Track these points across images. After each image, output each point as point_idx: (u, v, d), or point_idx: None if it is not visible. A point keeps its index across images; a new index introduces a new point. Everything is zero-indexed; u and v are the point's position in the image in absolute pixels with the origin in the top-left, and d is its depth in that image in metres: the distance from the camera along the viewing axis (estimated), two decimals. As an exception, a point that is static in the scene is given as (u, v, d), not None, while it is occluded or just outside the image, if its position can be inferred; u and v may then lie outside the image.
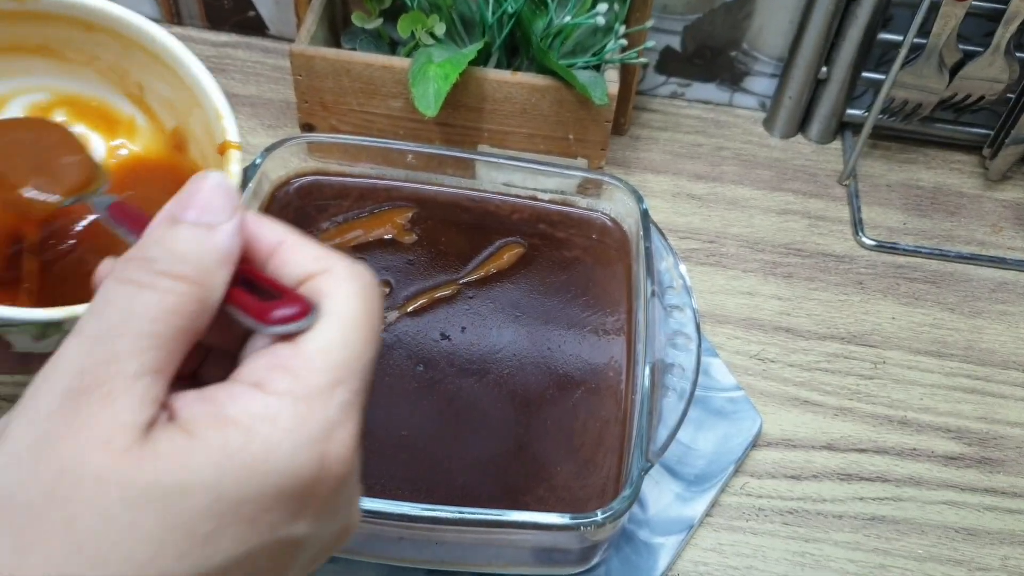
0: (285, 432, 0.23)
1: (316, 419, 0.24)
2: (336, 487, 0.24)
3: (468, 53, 0.57)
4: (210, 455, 0.22)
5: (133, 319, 0.23)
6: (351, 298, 0.25)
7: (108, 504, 0.21)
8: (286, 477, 0.23)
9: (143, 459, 0.22)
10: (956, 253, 0.65)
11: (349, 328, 0.25)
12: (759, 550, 0.50)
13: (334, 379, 0.24)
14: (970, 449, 0.55)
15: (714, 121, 0.72)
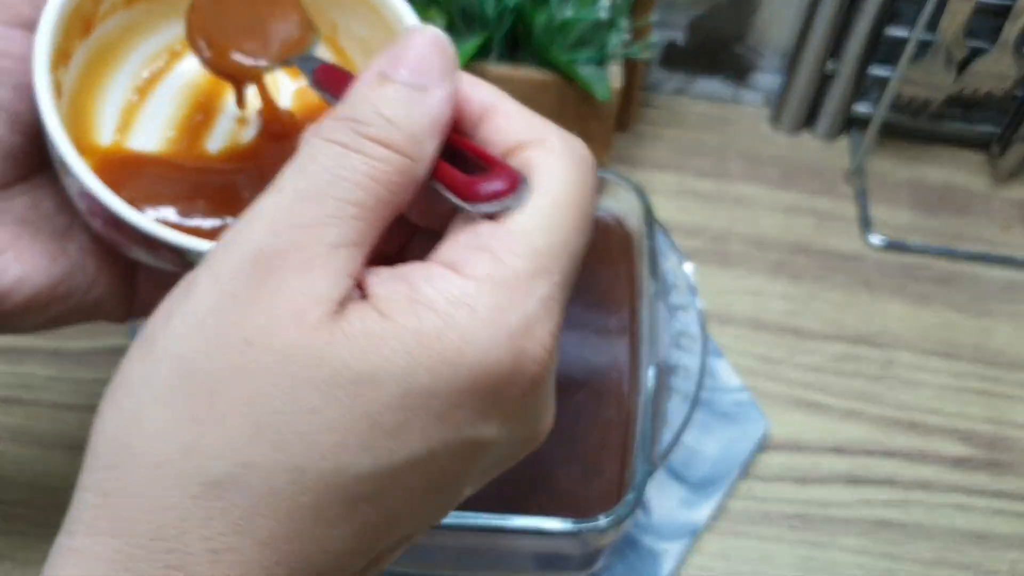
0: (482, 322, 0.21)
1: (516, 310, 0.22)
2: (529, 389, 0.22)
3: (468, 47, 0.56)
4: (403, 341, 0.21)
5: (338, 183, 0.22)
6: (565, 174, 0.24)
7: (294, 384, 0.20)
8: (480, 372, 0.21)
9: (334, 338, 0.21)
10: (965, 252, 0.64)
11: (559, 209, 0.23)
12: (766, 555, 0.49)
13: (537, 267, 0.22)
14: (979, 452, 0.54)
15: (719, 117, 0.71)
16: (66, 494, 0.50)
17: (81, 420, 0.51)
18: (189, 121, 0.35)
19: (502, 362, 0.22)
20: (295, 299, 0.21)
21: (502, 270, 0.22)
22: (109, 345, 0.54)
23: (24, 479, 0.49)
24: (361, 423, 0.21)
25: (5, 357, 0.53)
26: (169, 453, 0.20)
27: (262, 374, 0.20)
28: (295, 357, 0.20)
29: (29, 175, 0.31)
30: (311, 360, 0.20)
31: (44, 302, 0.30)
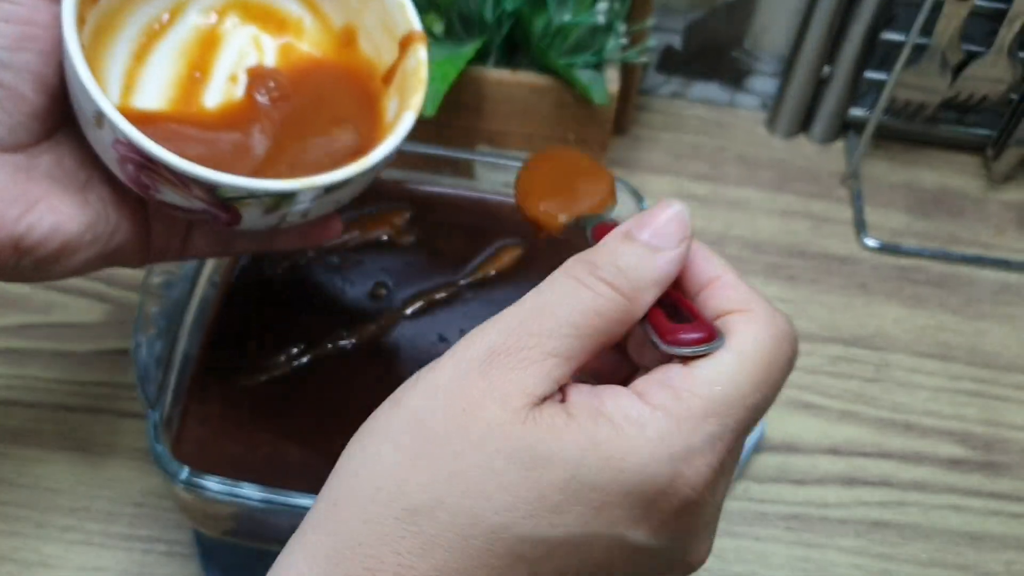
0: (647, 441, 0.25)
1: (680, 439, 0.25)
2: (681, 509, 0.25)
3: (467, 52, 0.56)
4: (578, 439, 0.25)
5: (563, 307, 0.27)
6: (759, 340, 0.27)
7: (489, 451, 0.25)
8: (637, 480, 0.25)
9: (527, 423, 0.25)
10: (960, 255, 0.64)
11: (745, 366, 0.26)
12: (762, 555, 0.50)
13: (710, 409, 0.26)
14: (974, 453, 0.55)
15: (716, 121, 0.72)
16: (67, 497, 0.50)
17: (83, 422, 0.52)
18: (187, 80, 0.38)
19: (659, 477, 0.25)
20: (507, 387, 0.26)
21: (678, 405, 0.26)
22: (111, 347, 0.55)
23: (26, 481, 0.49)
24: (531, 493, 0.25)
25: (7, 359, 0.54)
26: (388, 483, 0.25)
27: (467, 437, 0.25)
28: (494, 430, 0.25)
29: (52, 134, 0.34)
30: (504, 435, 0.25)
31: (74, 248, 0.34)
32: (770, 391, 0.27)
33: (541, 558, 0.25)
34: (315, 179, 0.34)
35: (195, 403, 0.44)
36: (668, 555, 0.27)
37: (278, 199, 0.34)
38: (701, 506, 0.26)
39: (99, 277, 0.58)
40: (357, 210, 0.52)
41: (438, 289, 0.49)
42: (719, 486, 0.26)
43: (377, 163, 0.35)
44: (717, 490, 0.26)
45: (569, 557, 0.25)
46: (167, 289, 0.45)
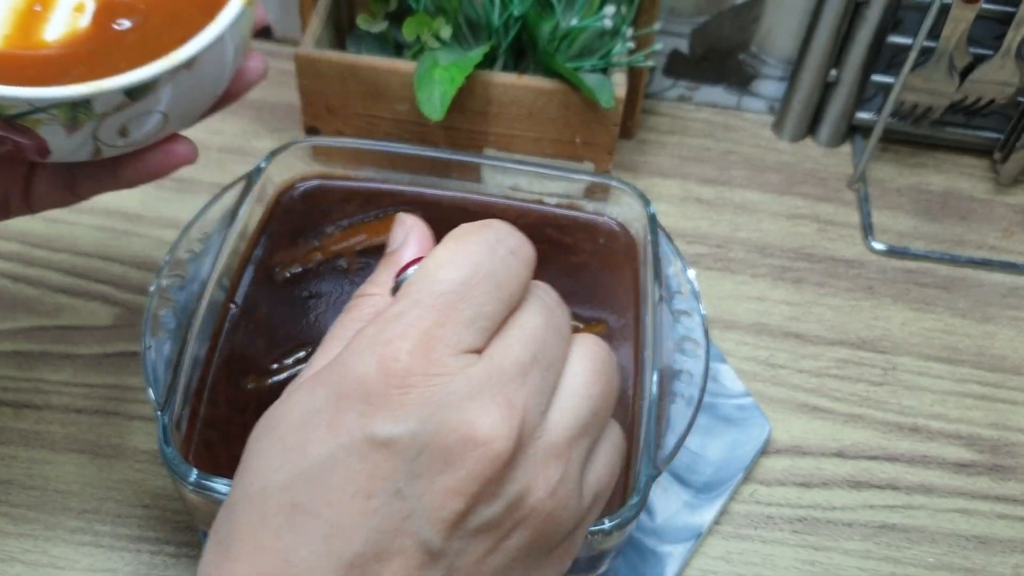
0: (350, 345, 0.27)
1: (374, 327, 0.27)
2: (401, 381, 0.25)
3: (474, 56, 0.56)
4: (299, 380, 0.28)
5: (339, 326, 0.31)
6: (446, 241, 0.29)
7: (260, 429, 0.28)
8: (348, 378, 0.26)
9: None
10: (967, 258, 0.64)
11: (431, 258, 0.28)
12: (768, 558, 0.50)
13: (402, 292, 0.27)
14: (982, 456, 0.54)
15: (723, 125, 0.72)
16: (77, 499, 0.50)
17: (92, 425, 0.52)
18: (26, 14, 0.35)
19: (362, 363, 0.26)
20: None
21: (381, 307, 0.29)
22: (120, 350, 0.55)
23: (34, 483, 0.49)
24: (275, 447, 0.27)
25: (17, 362, 0.54)
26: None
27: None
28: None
29: None
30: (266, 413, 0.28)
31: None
32: (464, 266, 0.27)
33: (311, 499, 0.26)
34: (105, 81, 0.31)
35: (204, 405, 0.44)
36: (432, 437, 0.25)
37: (72, 111, 0.31)
38: (427, 375, 0.26)
39: (108, 281, 0.58)
40: (365, 214, 0.52)
41: (445, 292, 0.49)
42: (435, 351, 0.26)
43: (187, 59, 0.32)
44: (434, 357, 0.26)
45: (335, 485, 0.25)
46: (176, 292, 0.45)
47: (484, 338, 0.27)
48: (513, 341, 0.27)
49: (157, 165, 0.37)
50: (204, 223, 0.48)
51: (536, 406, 0.27)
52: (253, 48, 0.38)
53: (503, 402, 0.26)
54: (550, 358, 0.28)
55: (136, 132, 0.34)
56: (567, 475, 0.27)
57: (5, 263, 0.59)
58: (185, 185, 0.63)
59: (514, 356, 0.27)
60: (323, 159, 0.53)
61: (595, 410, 0.28)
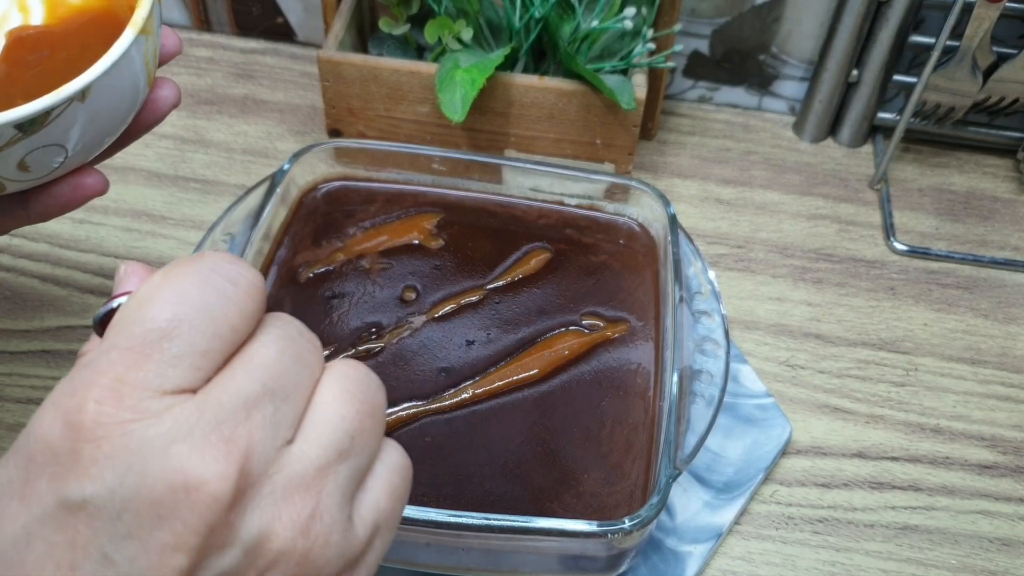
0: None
1: (66, 381, 0.24)
2: (84, 435, 0.23)
3: (495, 58, 0.57)
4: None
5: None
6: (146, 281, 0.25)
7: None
8: (32, 440, 0.23)
9: None
10: (990, 258, 0.64)
11: (132, 300, 0.24)
12: (789, 559, 0.49)
13: (104, 341, 0.24)
14: (1004, 458, 0.54)
15: (743, 125, 0.72)
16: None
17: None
18: None
19: (46, 422, 0.23)
20: None
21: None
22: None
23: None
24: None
25: (45, 361, 0.55)
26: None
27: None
28: None
29: None
30: None
31: None
32: (170, 300, 0.24)
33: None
34: (29, 106, 0.30)
35: (228, 404, 0.44)
36: (134, 490, 0.22)
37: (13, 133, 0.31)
38: (120, 423, 0.22)
39: (134, 281, 0.59)
40: (387, 215, 0.53)
41: (466, 292, 0.50)
42: (129, 397, 0.23)
43: (77, 91, 0.32)
44: (129, 403, 0.23)
45: (33, 562, 0.22)
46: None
47: (199, 377, 0.24)
48: (236, 373, 0.24)
49: (66, 198, 0.37)
50: (228, 224, 0.49)
51: (268, 440, 0.24)
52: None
53: (217, 440, 0.23)
54: (288, 388, 0.25)
55: (37, 167, 0.33)
56: (322, 508, 0.24)
57: (34, 264, 0.59)
58: (210, 187, 0.64)
59: (235, 389, 0.24)
60: (346, 161, 0.54)
61: (351, 432, 0.25)
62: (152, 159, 0.66)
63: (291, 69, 0.72)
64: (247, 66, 0.73)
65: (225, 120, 0.69)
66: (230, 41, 0.74)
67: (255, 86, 0.71)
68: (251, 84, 0.71)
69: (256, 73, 0.72)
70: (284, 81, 0.72)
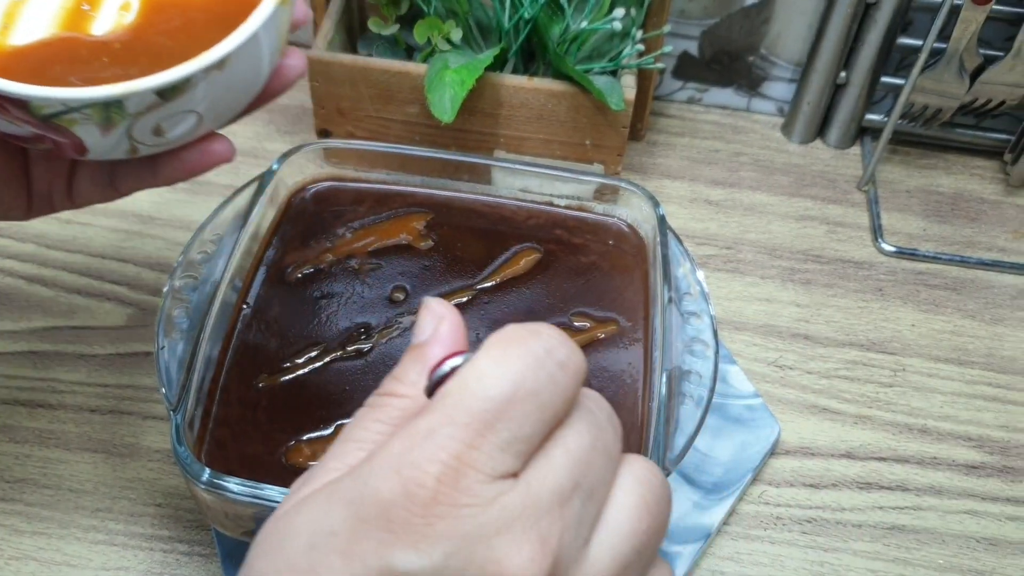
0: (372, 458, 0.25)
1: (399, 442, 0.24)
2: (425, 510, 0.23)
3: (484, 59, 0.57)
4: (316, 495, 0.25)
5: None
6: (493, 342, 0.25)
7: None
8: (366, 499, 0.24)
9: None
10: (977, 259, 0.64)
11: (473, 364, 0.25)
12: (777, 559, 0.50)
13: (434, 404, 0.25)
14: (991, 458, 0.54)
15: (732, 127, 0.72)
16: (90, 497, 0.51)
17: (105, 424, 0.52)
18: (75, 13, 0.35)
19: (385, 485, 0.23)
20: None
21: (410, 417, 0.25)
22: (133, 350, 0.55)
23: (49, 482, 0.50)
24: (282, 571, 0.24)
25: (32, 362, 0.54)
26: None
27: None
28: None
29: None
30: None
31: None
32: (506, 381, 0.24)
33: None
34: (136, 82, 0.31)
35: (216, 405, 0.44)
36: (456, 573, 0.23)
37: (106, 111, 0.31)
38: (455, 505, 0.23)
39: (122, 281, 0.58)
40: (376, 215, 0.53)
41: (456, 293, 0.50)
42: (466, 478, 0.23)
43: (218, 59, 0.32)
44: (464, 484, 0.23)
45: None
46: (189, 292, 0.45)
47: (521, 461, 0.24)
48: (556, 465, 0.24)
49: (195, 163, 0.37)
50: (217, 224, 0.48)
51: (573, 540, 0.24)
52: (293, 47, 0.38)
53: (535, 538, 0.23)
54: (594, 483, 0.25)
55: (171, 131, 0.34)
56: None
57: (20, 264, 0.59)
58: (198, 187, 0.64)
59: (552, 483, 0.24)
60: (335, 161, 0.54)
61: (640, 548, 0.26)
62: (140, 159, 0.65)
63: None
64: (235, 66, 0.72)
65: (213, 120, 0.68)
66: (218, 41, 0.74)
67: (244, 86, 0.71)
68: (239, 84, 0.71)
69: (245, 73, 0.72)
70: (273, 81, 0.71)
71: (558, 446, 0.25)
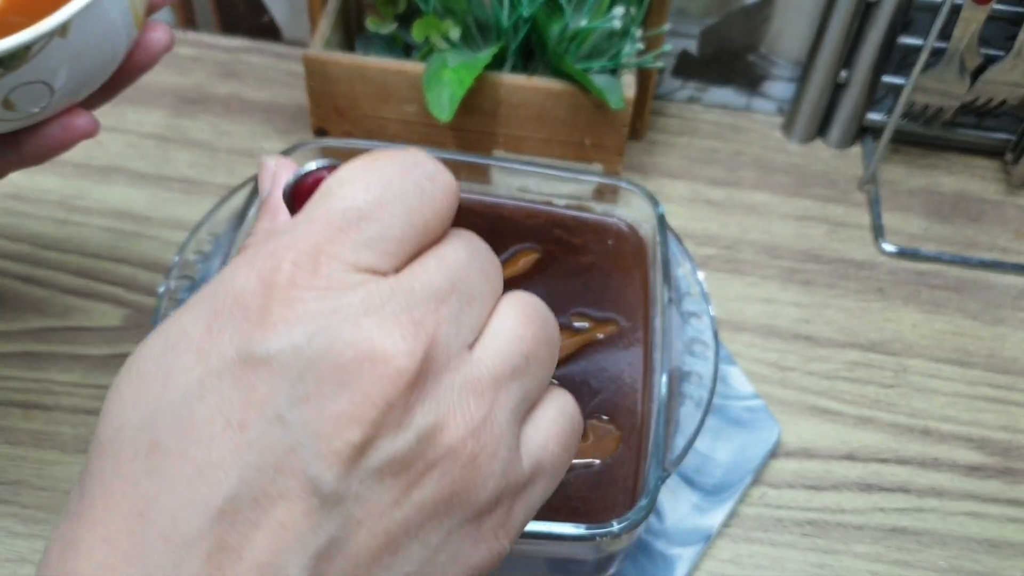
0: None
1: (255, 244, 0.24)
2: (271, 292, 0.22)
3: (483, 58, 0.56)
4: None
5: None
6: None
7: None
8: (219, 291, 0.23)
9: None
10: (978, 260, 0.64)
11: (346, 167, 0.25)
12: (778, 561, 0.49)
13: (304, 213, 0.24)
14: (993, 459, 0.54)
15: (732, 126, 0.72)
16: (86, 498, 0.50)
17: (100, 425, 0.52)
18: None
19: (240, 277, 0.23)
20: None
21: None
22: (129, 351, 0.55)
23: (44, 484, 0.50)
24: (133, 382, 0.23)
25: (26, 363, 0.54)
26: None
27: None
28: None
29: None
30: None
31: None
32: (371, 184, 0.24)
33: (172, 439, 0.22)
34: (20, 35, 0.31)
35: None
36: (320, 352, 0.22)
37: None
38: (315, 288, 0.22)
39: (118, 282, 0.58)
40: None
41: (454, 293, 0.49)
42: (326, 266, 0.23)
43: (57, 25, 0.32)
44: (325, 271, 0.22)
45: (203, 419, 0.22)
46: (185, 293, 0.45)
47: (390, 263, 0.23)
48: (429, 266, 0.24)
49: (56, 139, 0.36)
50: (213, 224, 0.48)
51: (452, 334, 0.23)
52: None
53: (407, 321, 0.22)
54: (473, 293, 0.24)
55: (24, 105, 0.33)
56: (492, 418, 0.23)
57: (15, 264, 0.59)
58: (194, 187, 0.63)
59: (427, 280, 0.23)
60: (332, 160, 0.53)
61: (527, 354, 0.25)
62: (135, 159, 0.65)
63: (276, 68, 0.72)
64: (232, 65, 0.72)
65: (209, 119, 0.68)
66: (215, 40, 0.74)
67: (240, 85, 0.71)
68: (236, 83, 0.71)
69: (241, 72, 0.72)
70: (269, 80, 0.71)
71: (432, 254, 0.24)
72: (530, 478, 0.25)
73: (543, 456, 0.26)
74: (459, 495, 0.23)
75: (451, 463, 0.23)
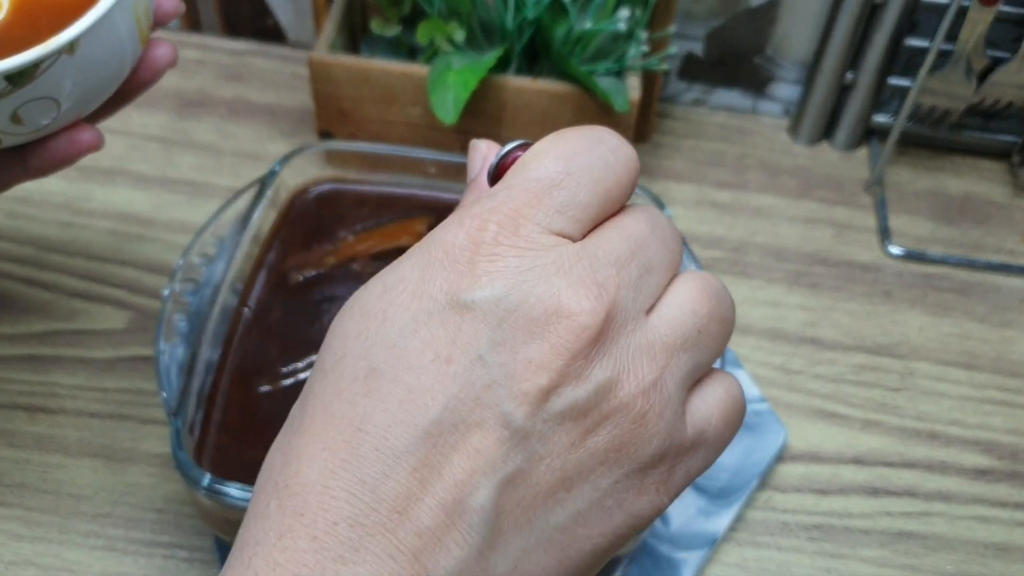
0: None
1: (471, 202, 0.27)
2: (482, 250, 0.25)
3: (488, 60, 0.56)
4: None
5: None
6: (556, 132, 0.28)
7: None
8: (433, 244, 0.26)
9: None
10: (985, 262, 0.64)
11: (536, 147, 0.27)
12: (784, 566, 0.49)
13: (501, 183, 0.27)
14: (1000, 463, 0.54)
15: (737, 128, 0.71)
16: (90, 503, 0.50)
17: (105, 429, 0.52)
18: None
19: (450, 234, 0.26)
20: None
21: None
22: (133, 355, 0.55)
23: (48, 487, 0.50)
24: (355, 318, 0.26)
25: (31, 366, 0.54)
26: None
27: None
28: None
29: None
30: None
31: None
32: (560, 156, 0.27)
33: (389, 365, 0.25)
34: (29, 53, 0.31)
35: (217, 410, 0.44)
36: (517, 304, 0.25)
37: (7, 82, 0.32)
38: (515, 247, 0.25)
39: (122, 285, 0.58)
40: (379, 218, 0.52)
41: (459, 296, 0.49)
42: (524, 227, 0.26)
43: (66, 42, 0.32)
44: (524, 232, 0.25)
45: (413, 351, 0.25)
46: (190, 296, 0.45)
47: (578, 229, 0.26)
48: (611, 234, 0.26)
49: (62, 153, 0.38)
50: (217, 227, 0.48)
51: (632, 301, 0.26)
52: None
53: (592, 282, 0.25)
54: (653, 262, 0.27)
55: (32, 120, 0.34)
56: (662, 382, 0.25)
57: (19, 267, 0.59)
58: (198, 189, 0.63)
59: (609, 247, 0.26)
60: (336, 163, 0.53)
61: (700, 328, 0.27)
62: (140, 161, 0.65)
63: (281, 71, 0.72)
64: (237, 67, 0.72)
65: (214, 122, 0.68)
66: (219, 42, 0.74)
67: (245, 88, 0.71)
68: (241, 86, 0.71)
69: (246, 75, 0.72)
70: (274, 83, 0.71)
71: (614, 226, 0.27)
72: (692, 444, 0.27)
73: (706, 428, 0.27)
74: (627, 447, 0.25)
75: (622, 417, 0.25)
